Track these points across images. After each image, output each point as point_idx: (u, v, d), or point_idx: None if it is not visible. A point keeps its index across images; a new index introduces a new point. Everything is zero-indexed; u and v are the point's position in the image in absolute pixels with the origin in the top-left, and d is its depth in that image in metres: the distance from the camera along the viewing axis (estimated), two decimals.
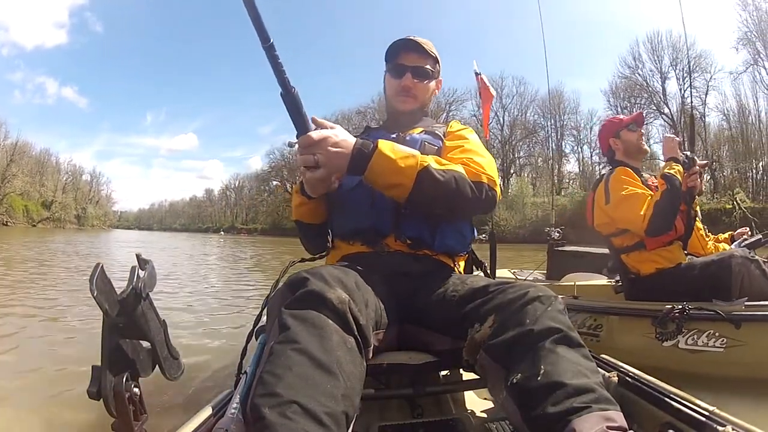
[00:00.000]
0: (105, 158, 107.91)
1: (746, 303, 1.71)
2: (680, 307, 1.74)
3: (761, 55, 22.53)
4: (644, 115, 2.13)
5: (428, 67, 1.10)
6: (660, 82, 27.81)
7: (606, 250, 3.03)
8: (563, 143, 33.12)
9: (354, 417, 0.57)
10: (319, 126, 0.82)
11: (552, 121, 32.92)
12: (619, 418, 0.55)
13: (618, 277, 2.54)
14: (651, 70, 28.04)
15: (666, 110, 26.74)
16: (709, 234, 2.42)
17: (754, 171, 24.80)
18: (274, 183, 50.41)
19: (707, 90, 25.93)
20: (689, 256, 2.05)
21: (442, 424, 0.82)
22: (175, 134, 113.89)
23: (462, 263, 1.10)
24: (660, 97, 27.78)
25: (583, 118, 32.44)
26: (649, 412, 0.71)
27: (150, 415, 0.60)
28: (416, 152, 0.86)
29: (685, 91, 26.35)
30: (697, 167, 1.92)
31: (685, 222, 1.96)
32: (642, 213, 1.80)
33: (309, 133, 0.79)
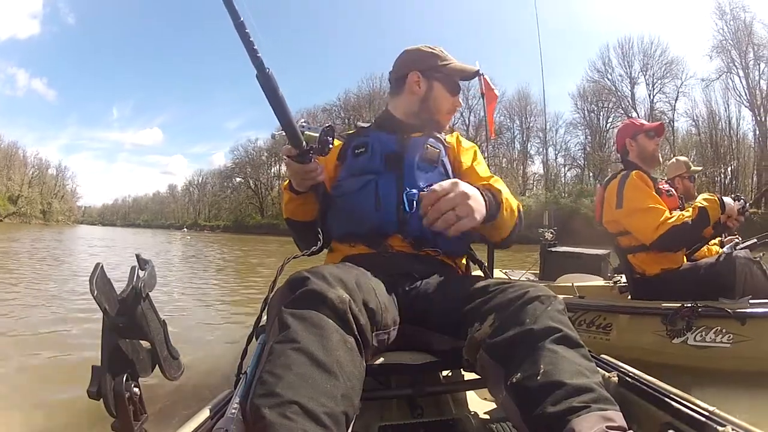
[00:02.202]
0: (71, 152, 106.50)
1: (750, 300, 1.79)
2: (690, 305, 1.81)
3: (735, 63, 22.85)
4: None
5: None
6: (629, 87, 28.28)
7: (599, 251, 3.14)
8: (528, 145, 33.43)
9: (354, 417, 0.57)
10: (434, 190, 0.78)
11: (519, 122, 33.29)
12: (618, 418, 0.54)
13: (616, 278, 2.60)
14: (620, 75, 28.50)
15: (633, 114, 26.87)
16: None
17: (722, 176, 25.24)
18: (238, 180, 50.01)
19: (677, 96, 26.60)
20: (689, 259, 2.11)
21: (442, 424, 0.82)
22: (140, 128, 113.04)
23: (462, 263, 1.10)
24: (628, 102, 28.21)
25: (549, 120, 32.58)
26: (648, 412, 0.71)
27: (150, 415, 0.60)
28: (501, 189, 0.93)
29: (654, 96, 26.98)
30: (744, 216, 1.95)
31: (700, 241, 2.03)
32: (655, 228, 1.85)
33: (454, 192, 0.76)
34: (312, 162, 0.89)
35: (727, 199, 1.89)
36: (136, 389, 0.57)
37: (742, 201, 1.94)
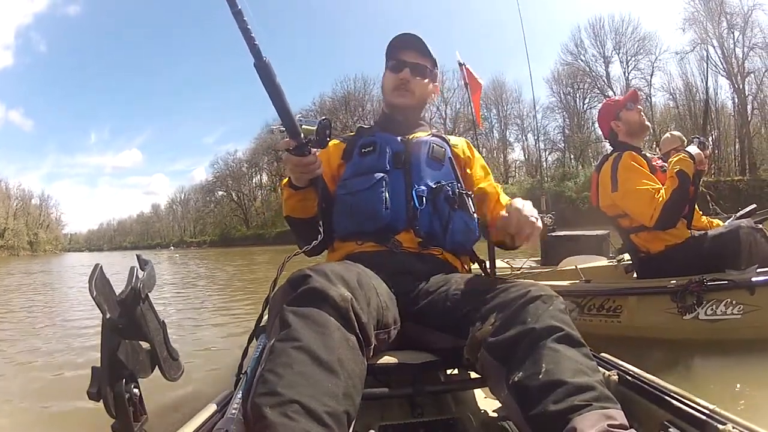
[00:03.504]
0: (52, 180, 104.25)
1: (758, 269, 1.78)
2: (697, 279, 1.81)
3: (709, 34, 22.69)
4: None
5: (427, 66, 1.11)
6: (603, 67, 28.09)
7: (598, 232, 3.12)
8: (507, 132, 33.23)
9: (355, 416, 0.57)
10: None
11: (495, 110, 33.03)
12: (619, 416, 0.55)
13: (619, 256, 2.55)
14: (594, 56, 28.31)
15: (610, 93, 26.74)
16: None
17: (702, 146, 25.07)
18: (220, 193, 49.83)
19: (652, 71, 26.40)
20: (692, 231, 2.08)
21: (443, 424, 0.82)
22: (119, 151, 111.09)
23: (465, 262, 1.10)
24: (604, 81, 28.03)
25: (526, 106, 32.34)
26: (649, 410, 0.71)
27: (150, 416, 0.60)
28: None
29: (629, 74, 26.79)
30: (708, 150, 1.96)
31: (690, 202, 2.00)
32: (651, 211, 1.85)
33: (529, 204, 0.81)
34: (311, 154, 0.88)
35: (691, 148, 1.91)
36: (135, 390, 0.56)
37: (696, 139, 1.97)
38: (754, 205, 2.44)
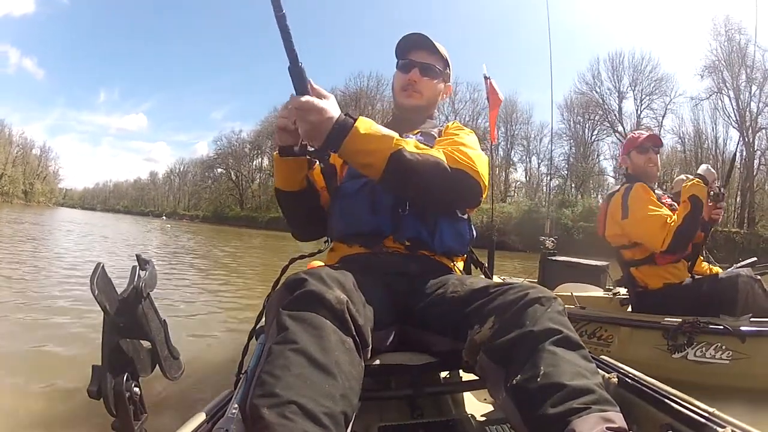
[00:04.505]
0: (56, 133, 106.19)
1: (752, 319, 1.80)
2: (691, 320, 1.83)
3: (726, 84, 22.81)
4: (655, 139, 2.14)
5: (437, 66, 1.10)
6: (617, 101, 28.13)
7: (598, 263, 3.17)
8: (512, 152, 33.29)
9: (353, 417, 0.57)
10: (314, 93, 0.79)
11: (504, 129, 32.92)
12: (618, 419, 0.54)
13: (616, 289, 2.62)
14: (609, 89, 28.35)
15: (620, 128, 27.05)
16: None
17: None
18: (219, 170, 49.27)
19: (665, 113, 26.53)
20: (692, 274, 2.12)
21: (442, 425, 0.82)
22: (126, 113, 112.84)
23: (461, 264, 1.10)
24: (615, 116, 28.10)
25: (534, 129, 32.64)
26: (648, 413, 0.71)
27: (150, 415, 0.60)
28: (394, 134, 0.84)
29: (641, 111, 26.93)
30: (724, 202, 2.00)
31: (695, 246, 2.05)
32: (663, 235, 1.87)
33: (300, 98, 0.76)
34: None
35: (702, 168, 1.93)
36: (136, 389, 0.57)
37: (717, 187, 1.99)
38: (755, 258, 2.49)
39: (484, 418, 0.89)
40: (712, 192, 1.96)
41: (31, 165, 62.67)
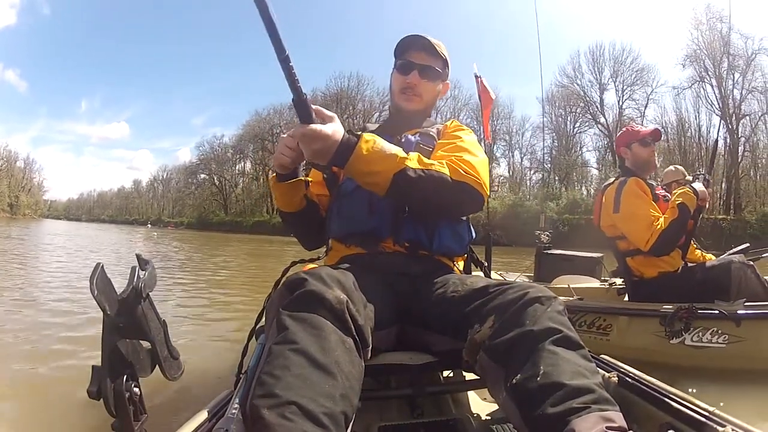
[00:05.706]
0: (39, 144, 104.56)
1: (745, 303, 1.86)
2: (687, 306, 1.89)
3: (708, 72, 22.87)
4: (645, 129, 2.18)
5: (437, 67, 1.10)
6: (598, 93, 28.13)
7: (593, 254, 3.21)
8: (495, 147, 32.87)
9: (353, 417, 0.57)
10: (319, 117, 0.79)
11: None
12: (618, 419, 0.54)
13: (612, 279, 2.69)
14: (590, 81, 28.36)
15: (602, 120, 27.10)
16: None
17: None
18: (202, 176, 49.38)
19: (647, 103, 26.53)
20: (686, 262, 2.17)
21: (442, 425, 0.82)
22: (108, 122, 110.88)
23: (461, 263, 1.10)
24: (597, 107, 28.11)
25: (516, 123, 32.59)
26: (648, 412, 0.71)
27: (150, 415, 0.60)
28: (398, 151, 0.84)
29: (623, 103, 26.88)
30: (711, 188, 2.07)
31: (687, 235, 2.08)
32: (648, 236, 1.93)
33: (306, 128, 0.76)
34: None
35: (697, 185, 2.00)
36: (136, 389, 0.57)
37: (702, 176, 2.09)
38: (747, 244, 2.56)
39: (484, 418, 0.89)
40: (701, 179, 2.06)
41: (15, 177, 61.99)
